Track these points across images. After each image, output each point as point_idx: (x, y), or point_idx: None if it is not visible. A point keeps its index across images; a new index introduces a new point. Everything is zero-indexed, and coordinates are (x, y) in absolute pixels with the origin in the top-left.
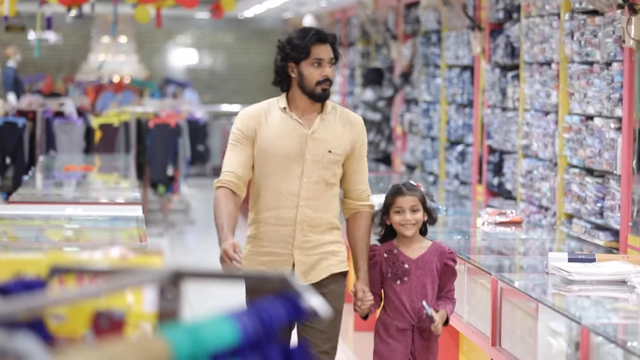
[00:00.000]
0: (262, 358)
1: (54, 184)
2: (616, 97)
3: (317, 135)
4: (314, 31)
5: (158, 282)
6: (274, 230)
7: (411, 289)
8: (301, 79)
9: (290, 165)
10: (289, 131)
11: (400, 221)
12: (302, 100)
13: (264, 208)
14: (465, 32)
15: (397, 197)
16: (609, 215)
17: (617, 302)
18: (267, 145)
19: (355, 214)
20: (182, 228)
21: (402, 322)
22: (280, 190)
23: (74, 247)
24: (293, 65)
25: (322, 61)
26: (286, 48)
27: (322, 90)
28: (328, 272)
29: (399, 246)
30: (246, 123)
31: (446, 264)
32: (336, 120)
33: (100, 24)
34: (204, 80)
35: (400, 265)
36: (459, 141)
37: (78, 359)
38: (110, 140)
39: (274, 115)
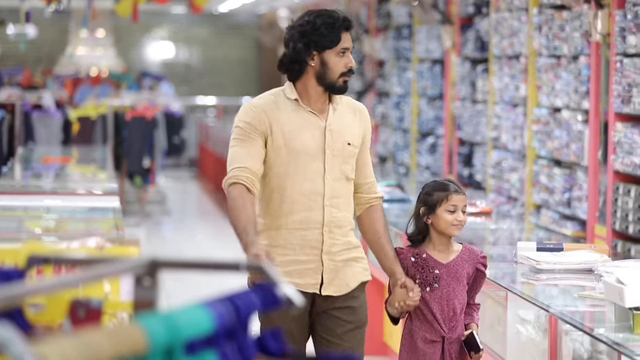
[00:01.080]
0: (236, 346)
1: (32, 175)
2: (583, 90)
3: (334, 127)
4: (342, 17)
5: (134, 271)
6: (300, 236)
7: (442, 296)
8: (323, 69)
9: (311, 162)
10: (305, 124)
11: (453, 221)
12: (315, 90)
13: (284, 212)
14: (436, 27)
15: (453, 195)
16: (577, 205)
17: (584, 290)
18: (284, 141)
19: (370, 208)
20: (158, 219)
21: (432, 333)
22: (303, 191)
23: (52, 237)
24: (315, 53)
25: (347, 50)
26: (312, 34)
27: (344, 82)
28: (358, 281)
29: (428, 250)
30: (257, 116)
31: (478, 269)
32: (345, 109)
33: (77, 18)
34: (180, 73)
35: (430, 270)
36: (429, 133)
37: (56, 348)
38: (88, 132)
39: (285, 108)
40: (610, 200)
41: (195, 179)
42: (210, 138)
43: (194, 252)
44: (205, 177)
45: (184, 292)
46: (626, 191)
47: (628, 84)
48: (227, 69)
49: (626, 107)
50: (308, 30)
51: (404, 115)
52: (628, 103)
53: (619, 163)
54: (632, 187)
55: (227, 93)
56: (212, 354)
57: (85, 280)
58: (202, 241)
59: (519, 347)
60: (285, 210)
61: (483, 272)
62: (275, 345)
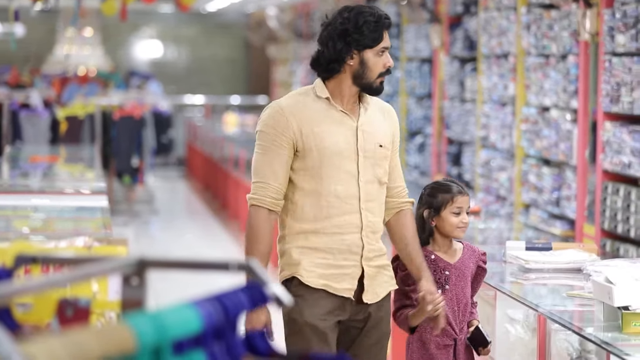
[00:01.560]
0: (225, 345)
1: (20, 175)
2: (572, 89)
3: (366, 128)
4: (384, 15)
5: (123, 271)
6: (340, 240)
7: (452, 298)
8: (363, 68)
9: (344, 164)
10: (337, 124)
11: (459, 223)
12: (350, 90)
13: (321, 216)
14: (424, 26)
15: (458, 197)
16: (565, 205)
17: (572, 289)
18: (316, 143)
19: (399, 213)
20: (146, 218)
21: (444, 336)
22: (338, 194)
23: (39, 236)
24: (355, 52)
25: (387, 50)
26: (354, 33)
27: (381, 83)
28: (387, 290)
29: (435, 250)
30: (283, 121)
31: (480, 266)
32: (375, 110)
33: (65, 17)
34: (168, 72)
35: (441, 272)
36: (418, 132)
37: (44, 347)
38: (76, 131)
39: (315, 107)
40: (599, 200)
41: (183, 178)
42: (199, 137)
43: (182, 252)
44: (193, 176)
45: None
46: (615, 190)
47: (617, 83)
48: (215, 68)
49: (615, 107)
50: (350, 28)
51: None
52: (617, 102)
53: (607, 162)
54: (621, 187)
55: (215, 92)
56: (200, 354)
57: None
58: (191, 240)
59: (508, 347)
60: (322, 214)
61: (484, 269)
62: (263, 344)
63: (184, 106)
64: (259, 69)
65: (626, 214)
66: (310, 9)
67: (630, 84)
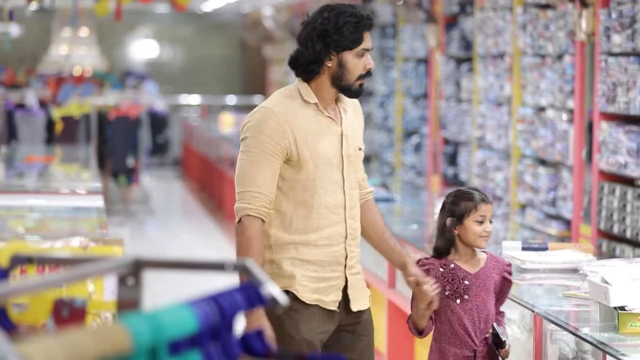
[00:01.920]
0: (221, 346)
1: (15, 175)
2: (568, 89)
3: (349, 132)
4: (365, 15)
5: (118, 271)
6: (329, 252)
7: (472, 308)
8: (341, 70)
9: (332, 173)
10: (325, 131)
11: (482, 232)
12: (329, 93)
13: (312, 228)
14: (420, 26)
15: (482, 205)
16: (561, 205)
17: (569, 289)
18: (311, 154)
19: (366, 203)
20: (142, 218)
21: (463, 348)
22: (327, 205)
23: (35, 236)
24: (334, 54)
25: (367, 51)
26: (333, 34)
27: (360, 85)
28: (367, 294)
29: (455, 260)
30: (280, 129)
31: (504, 277)
32: (350, 110)
33: (61, 17)
34: (164, 72)
35: (460, 281)
36: (414, 132)
37: (39, 347)
38: (72, 131)
39: (305, 114)
40: (595, 200)
41: (179, 179)
42: (195, 137)
43: (178, 252)
44: (189, 177)
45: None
46: (611, 190)
47: (613, 83)
48: (211, 68)
49: (611, 107)
50: (329, 29)
51: (389, 115)
52: (613, 102)
53: (603, 162)
54: (617, 187)
55: (211, 92)
56: (196, 354)
57: (69, 280)
58: (187, 241)
59: None
60: (312, 226)
61: (510, 280)
62: (259, 345)
63: (180, 106)
64: (255, 69)
65: (622, 214)
66: (305, 9)
67: (626, 84)
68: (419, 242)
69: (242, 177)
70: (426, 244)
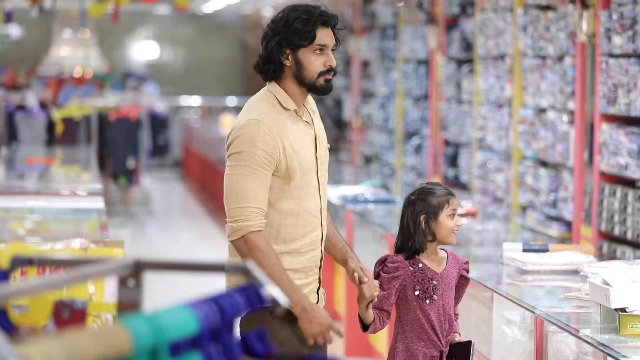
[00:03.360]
0: (221, 347)
1: (16, 176)
2: (568, 90)
3: (319, 133)
4: (318, 11)
5: (119, 272)
6: (311, 258)
7: (439, 308)
8: (299, 68)
9: (311, 177)
10: (304, 137)
11: (454, 227)
12: (298, 93)
13: (297, 236)
14: (421, 27)
15: (452, 199)
16: (562, 206)
17: (569, 291)
18: (298, 163)
19: None
20: (143, 219)
21: (432, 348)
22: (311, 210)
23: (36, 238)
24: (289, 52)
25: (326, 48)
26: (282, 31)
27: (325, 81)
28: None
29: (422, 259)
30: (273, 143)
31: (463, 275)
32: (314, 109)
33: (61, 18)
34: (164, 73)
35: (429, 281)
36: (415, 134)
37: (40, 349)
38: (72, 132)
39: (287, 122)
40: (595, 201)
41: (180, 180)
42: (195, 138)
43: (178, 253)
44: (190, 178)
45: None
46: (612, 192)
47: (613, 84)
48: (211, 69)
49: (612, 108)
50: (281, 26)
51: (390, 116)
52: (613, 104)
53: (604, 164)
54: (618, 188)
55: (211, 93)
56: (196, 355)
57: (70, 282)
58: (187, 242)
59: (504, 348)
60: (298, 234)
61: (468, 278)
62: (259, 346)
63: (180, 107)
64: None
65: (623, 215)
66: None
67: (627, 86)
68: None
69: (239, 193)
70: None
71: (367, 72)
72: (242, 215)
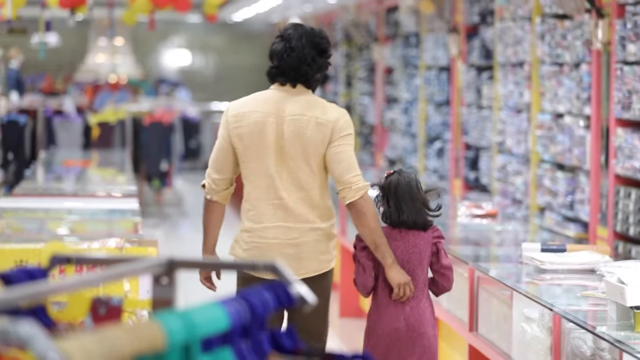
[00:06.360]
0: (251, 343)
1: (54, 178)
2: (585, 96)
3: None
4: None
5: (153, 271)
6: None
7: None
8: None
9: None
10: None
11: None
12: None
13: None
14: (442, 35)
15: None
16: (579, 208)
17: (586, 289)
18: None
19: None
20: (175, 220)
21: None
22: None
23: (73, 238)
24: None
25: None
26: (327, 52)
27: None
28: None
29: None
30: None
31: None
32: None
33: (97, 26)
34: (196, 80)
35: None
36: (437, 138)
37: (78, 344)
38: (108, 136)
39: None
40: (611, 203)
41: None
42: None
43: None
44: None
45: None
46: (627, 194)
47: (628, 90)
48: (241, 76)
49: (626, 113)
50: (328, 47)
51: (412, 121)
52: (628, 109)
53: (619, 167)
54: (633, 191)
55: None
56: (228, 351)
57: (106, 280)
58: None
59: (524, 345)
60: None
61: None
62: (289, 342)
63: (212, 112)
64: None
65: (637, 216)
66: (331, 18)
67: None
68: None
69: (355, 163)
70: (450, 245)
71: (390, 79)
72: (362, 179)
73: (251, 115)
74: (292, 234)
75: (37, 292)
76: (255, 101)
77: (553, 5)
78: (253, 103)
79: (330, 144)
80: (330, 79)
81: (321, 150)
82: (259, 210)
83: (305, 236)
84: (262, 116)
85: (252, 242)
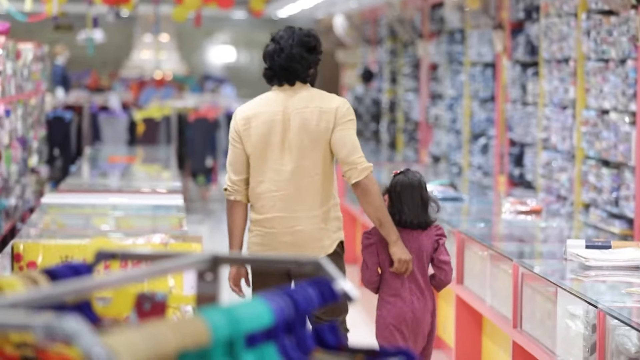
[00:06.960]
0: (295, 339)
1: (99, 174)
2: (630, 92)
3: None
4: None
5: (197, 267)
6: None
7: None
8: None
9: None
10: None
11: None
12: None
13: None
14: (487, 31)
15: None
16: (624, 204)
17: (631, 286)
18: None
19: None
20: (220, 216)
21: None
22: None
23: (118, 233)
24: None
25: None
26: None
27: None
28: None
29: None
30: None
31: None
32: None
33: (142, 23)
34: (241, 76)
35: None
36: (482, 134)
37: (123, 339)
38: (153, 133)
39: None
40: None
41: None
42: None
43: None
44: None
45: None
46: None
47: None
48: None
49: None
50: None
51: (457, 117)
52: None
53: None
54: None
55: None
56: (271, 347)
57: (151, 275)
58: None
59: (568, 341)
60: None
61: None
62: (332, 338)
63: None
64: (328, 73)
65: None
66: (376, 15)
67: None
68: (485, 240)
69: (358, 146)
70: (494, 242)
71: (435, 75)
72: (365, 160)
73: (259, 116)
74: (290, 222)
75: (82, 287)
76: (261, 103)
77: (599, 1)
78: (259, 105)
79: (334, 129)
80: (375, 76)
81: (326, 137)
82: (263, 202)
83: (303, 224)
84: (270, 115)
85: (256, 230)
